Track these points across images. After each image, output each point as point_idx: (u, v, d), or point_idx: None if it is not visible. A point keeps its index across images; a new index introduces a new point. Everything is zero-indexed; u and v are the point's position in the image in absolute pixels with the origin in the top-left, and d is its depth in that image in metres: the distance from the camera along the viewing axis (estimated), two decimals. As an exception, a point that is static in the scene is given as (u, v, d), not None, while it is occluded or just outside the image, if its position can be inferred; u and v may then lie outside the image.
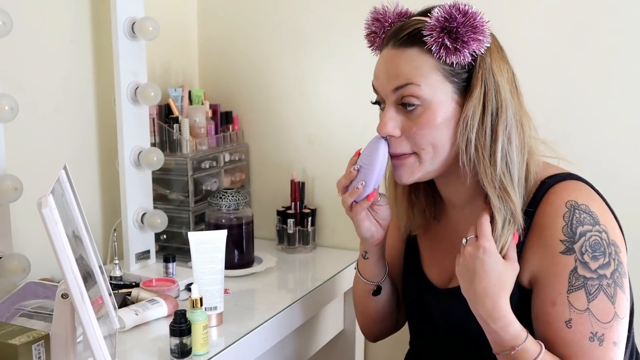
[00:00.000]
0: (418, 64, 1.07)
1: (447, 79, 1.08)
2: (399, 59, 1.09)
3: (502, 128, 1.07)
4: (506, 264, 1.05)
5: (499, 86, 1.07)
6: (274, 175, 1.93)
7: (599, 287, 1.03)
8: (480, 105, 1.07)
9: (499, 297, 1.04)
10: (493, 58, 1.08)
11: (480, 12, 1.06)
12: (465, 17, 1.04)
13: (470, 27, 1.04)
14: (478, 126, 1.07)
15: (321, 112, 1.87)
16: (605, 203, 1.11)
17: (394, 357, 1.79)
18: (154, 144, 1.69)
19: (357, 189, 1.16)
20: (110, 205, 1.69)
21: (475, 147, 1.07)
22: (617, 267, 1.04)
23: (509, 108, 1.07)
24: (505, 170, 1.07)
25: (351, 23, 1.78)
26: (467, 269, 1.07)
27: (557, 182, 1.09)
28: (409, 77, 1.08)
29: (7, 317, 1.24)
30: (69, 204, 1.04)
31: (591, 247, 1.03)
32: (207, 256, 1.31)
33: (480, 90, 1.07)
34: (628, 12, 1.52)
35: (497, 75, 1.07)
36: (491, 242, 1.06)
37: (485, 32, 1.05)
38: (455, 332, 1.19)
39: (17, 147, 1.40)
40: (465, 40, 1.04)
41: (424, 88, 1.07)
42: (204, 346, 1.20)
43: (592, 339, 1.02)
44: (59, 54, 1.55)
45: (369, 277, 1.30)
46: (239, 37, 1.94)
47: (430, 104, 1.08)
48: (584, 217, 1.05)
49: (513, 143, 1.07)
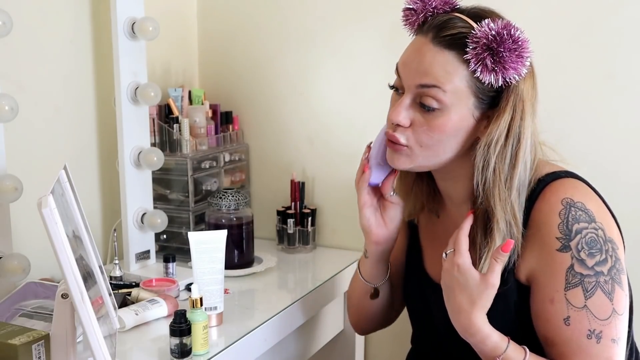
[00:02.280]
0: (451, 70, 1.05)
1: (473, 93, 1.07)
2: (435, 58, 1.06)
3: (522, 155, 1.07)
4: (481, 280, 1.05)
5: (526, 113, 1.06)
6: (274, 175, 1.93)
7: (596, 284, 1.03)
8: (505, 131, 1.06)
9: (472, 314, 1.05)
10: (527, 85, 1.07)
11: (528, 41, 1.04)
12: (515, 43, 1.03)
13: (515, 55, 1.03)
14: (500, 150, 1.06)
15: (321, 112, 1.87)
16: (602, 201, 1.11)
17: (394, 357, 1.79)
18: (154, 144, 1.69)
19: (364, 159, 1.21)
20: (110, 205, 1.69)
21: (494, 170, 1.07)
22: (615, 263, 1.04)
23: (529, 135, 1.07)
24: (516, 197, 1.07)
25: (352, 23, 1.79)
26: (446, 285, 1.10)
27: (554, 179, 1.09)
28: (438, 80, 1.06)
29: (7, 317, 1.24)
30: (69, 204, 1.04)
31: (587, 244, 1.04)
32: (207, 256, 1.31)
33: (509, 115, 1.06)
34: (628, 12, 1.52)
35: (527, 103, 1.07)
36: (465, 257, 1.07)
37: (526, 62, 1.04)
38: (454, 329, 1.19)
39: (17, 147, 1.40)
40: (506, 67, 1.03)
41: (449, 95, 1.06)
42: (204, 346, 1.20)
43: (589, 336, 1.02)
44: (59, 54, 1.55)
45: (367, 277, 1.30)
46: (239, 37, 1.94)
47: (450, 111, 1.07)
48: (579, 214, 1.05)
49: (528, 169, 1.08)
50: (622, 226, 1.12)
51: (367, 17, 1.76)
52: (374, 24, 1.75)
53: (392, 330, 1.50)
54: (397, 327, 1.46)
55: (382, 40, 1.74)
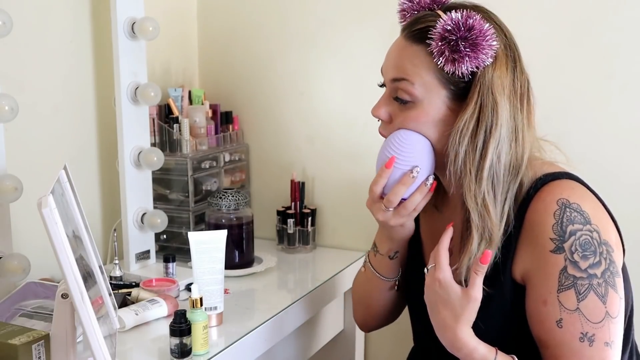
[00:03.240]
0: (417, 63, 1.08)
1: (442, 84, 1.08)
2: (403, 52, 1.11)
3: (493, 146, 1.06)
4: (463, 295, 1.05)
5: (497, 104, 1.06)
6: (274, 175, 1.93)
7: (589, 286, 1.02)
8: (474, 120, 1.06)
9: (457, 329, 1.05)
10: (497, 74, 1.06)
11: (489, 29, 1.05)
12: (469, 32, 1.04)
13: (470, 44, 1.04)
14: (469, 140, 1.06)
15: (321, 112, 1.87)
16: (600, 203, 1.10)
17: (394, 357, 1.79)
18: (154, 144, 1.69)
19: (426, 185, 1.13)
20: (110, 205, 1.69)
21: (464, 161, 1.07)
22: (609, 266, 1.03)
23: (504, 126, 1.06)
24: (489, 189, 1.06)
25: (352, 23, 1.79)
26: (429, 300, 1.10)
27: (551, 180, 1.09)
28: (406, 73, 1.09)
29: (7, 317, 1.24)
30: (69, 204, 1.04)
31: (581, 247, 1.03)
32: (207, 256, 1.31)
33: (476, 105, 1.06)
34: (628, 12, 1.52)
35: (497, 92, 1.06)
36: (446, 272, 1.07)
37: (486, 50, 1.04)
38: None
39: (17, 147, 1.40)
40: (462, 55, 1.04)
41: (417, 87, 1.08)
42: (204, 346, 1.20)
43: (582, 339, 1.02)
44: (59, 54, 1.55)
45: (392, 274, 1.28)
46: (239, 37, 1.94)
47: (422, 103, 1.09)
48: (574, 215, 1.04)
49: (502, 162, 1.07)
50: (622, 227, 1.11)
51: (367, 18, 1.76)
52: (374, 24, 1.75)
53: (392, 330, 1.50)
54: (397, 326, 1.45)
55: (382, 40, 1.73)
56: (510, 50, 1.10)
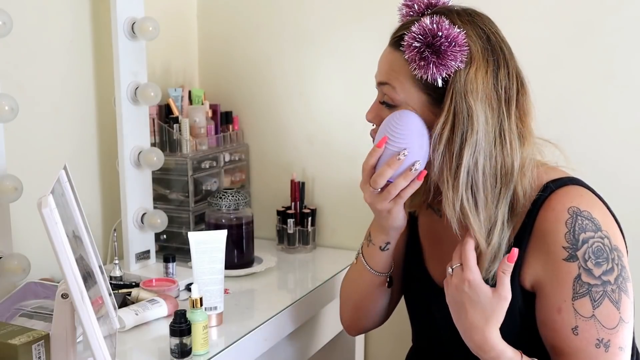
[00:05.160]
0: (397, 69, 1.09)
1: (421, 90, 1.08)
2: (387, 57, 1.13)
3: (469, 152, 1.04)
4: (494, 295, 1.04)
5: (471, 109, 1.03)
6: (274, 175, 1.93)
7: (604, 293, 1.02)
8: (449, 126, 1.05)
9: (486, 330, 1.04)
10: (470, 78, 1.04)
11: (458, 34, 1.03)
12: (434, 39, 1.03)
13: (434, 50, 1.03)
14: (445, 147, 1.05)
15: (321, 112, 1.87)
16: (606, 207, 1.10)
17: (394, 357, 1.79)
18: (154, 144, 1.69)
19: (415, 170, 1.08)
20: (110, 205, 1.69)
21: (440, 168, 1.06)
22: (621, 272, 1.04)
23: (480, 131, 1.04)
24: (469, 196, 1.05)
25: (351, 23, 1.79)
26: (455, 301, 1.09)
27: (559, 187, 1.08)
28: (388, 78, 1.11)
29: (7, 317, 1.24)
30: (69, 204, 1.04)
31: (594, 254, 1.03)
32: (207, 256, 1.31)
33: (449, 111, 1.04)
34: (628, 12, 1.52)
35: (471, 98, 1.03)
36: (476, 273, 1.06)
37: (450, 57, 1.03)
38: (456, 330, 1.19)
39: (17, 147, 1.40)
40: (428, 62, 1.04)
41: (399, 92, 1.09)
42: (204, 346, 1.20)
43: (598, 345, 1.02)
44: (59, 54, 1.55)
45: (382, 269, 1.26)
46: (239, 37, 1.94)
47: (405, 107, 1.09)
48: (586, 223, 1.04)
49: (480, 168, 1.04)
50: (622, 227, 1.12)
51: (367, 18, 1.76)
52: (373, 24, 1.74)
53: (391, 330, 1.50)
54: (397, 327, 1.46)
55: (382, 40, 1.73)
56: (492, 55, 1.06)
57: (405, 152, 1.07)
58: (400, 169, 1.08)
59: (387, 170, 1.08)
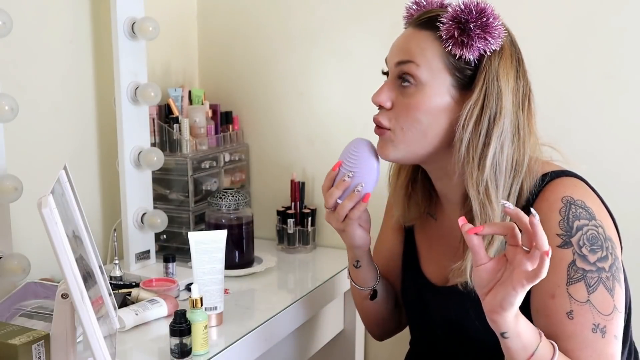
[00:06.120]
0: (425, 46, 1.09)
1: (448, 70, 1.08)
2: (411, 37, 1.12)
3: (496, 135, 1.06)
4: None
5: (502, 93, 1.07)
6: (274, 175, 1.93)
7: (599, 279, 1.03)
8: (479, 108, 1.07)
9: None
10: (502, 64, 1.08)
11: (499, 16, 1.07)
12: (480, 14, 1.05)
13: (480, 26, 1.05)
14: (473, 127, 1.07)
15: (321, 112, 1.87)
16: (601, 200, 1.11)
17: (394, 357, 1.79)
18: (154, 144, 1.69)
19: (357, 191, 1.15)
20: (110, 205, 1.69)
21: (467, 148, 1.07)
22: (614, 261, 1.04)
23: (507, 116, 1.07)
24: (492, 178, 1.06)
25: (352, 23, 1.79)
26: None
27: (553, 178, 1.09)
28: (412, 55, 1.10)
29: (7, 317, 1.24)
30: (69, 204, 1.04)
31: (589, 241, 1.04)
32: (207, 256, 1.31)
33: (481, 91, 1.07)
34: (629, 11, 1.52)
35: (502, 82, 1.07)
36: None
37: (495, 34, 1.06)
38: (453, 331, 1.19)
39: (17, 147, 1.40)
40: (472, 36, 1.05)
41: (423, 70, 1.09)
42: (204, 346, 1.20)
43: (594, 330, 1.01)
44: (58, 54, 1.55)
45: (363, 283, 1.30)
46: (239, 37, 1.94)
47: (425, 87, 1.09)
48: (580, 212, 1.05)
49: (505, 153, 1.07)
50: (622, 226, 1.12)
51: (368, 18, 1.76)
52: (374, 24, 1.75)
53: (392, 330, 1.50)
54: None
55: (383, 40, 1.73)
56: (514, 49, 1.11)
57: (350, 174, 1.14)
58: (347, 191, 1.15)
59: (335, 192, 1.16)
